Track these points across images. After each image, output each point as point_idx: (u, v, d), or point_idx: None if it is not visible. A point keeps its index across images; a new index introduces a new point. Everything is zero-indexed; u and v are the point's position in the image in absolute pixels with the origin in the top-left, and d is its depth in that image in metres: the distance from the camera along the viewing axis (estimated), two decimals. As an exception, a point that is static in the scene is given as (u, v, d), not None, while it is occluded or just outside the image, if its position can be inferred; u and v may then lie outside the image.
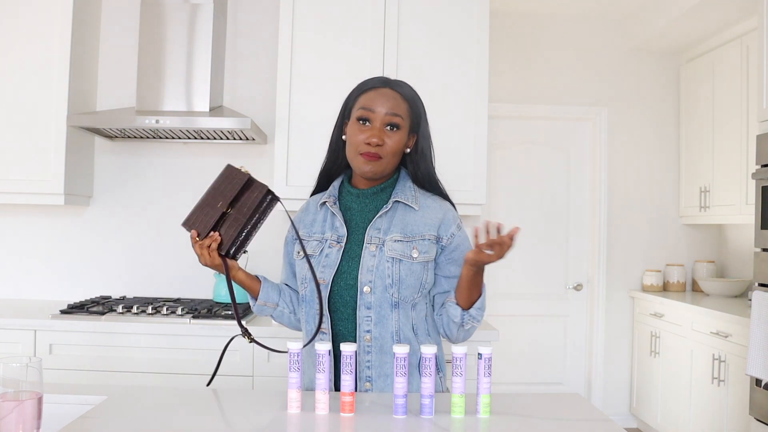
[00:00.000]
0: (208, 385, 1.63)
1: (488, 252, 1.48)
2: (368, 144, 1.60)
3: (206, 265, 1.60)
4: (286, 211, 1.67)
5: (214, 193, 1.64)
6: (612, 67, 4.48)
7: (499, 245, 1.46)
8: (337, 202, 1.69)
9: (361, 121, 1.63)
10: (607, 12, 4.40)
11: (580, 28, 4.47)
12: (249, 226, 1.60)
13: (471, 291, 1.59)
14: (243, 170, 1.63)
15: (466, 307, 1.61)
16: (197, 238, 1.60)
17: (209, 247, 1.58)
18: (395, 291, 1.59)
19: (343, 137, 1.69)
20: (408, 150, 1.69)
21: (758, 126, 3.12)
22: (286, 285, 1.79)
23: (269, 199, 1.61)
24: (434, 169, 1.73)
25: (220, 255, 1.60)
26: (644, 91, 4.50)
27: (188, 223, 1.65)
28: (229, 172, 1.65)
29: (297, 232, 1.67)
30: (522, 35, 4.45)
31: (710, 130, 4.08)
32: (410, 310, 1.62)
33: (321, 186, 1.77)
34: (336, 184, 1.73)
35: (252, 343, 1.64)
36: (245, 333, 1.63)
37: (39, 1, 2.87)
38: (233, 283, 1.63)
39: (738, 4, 3.56)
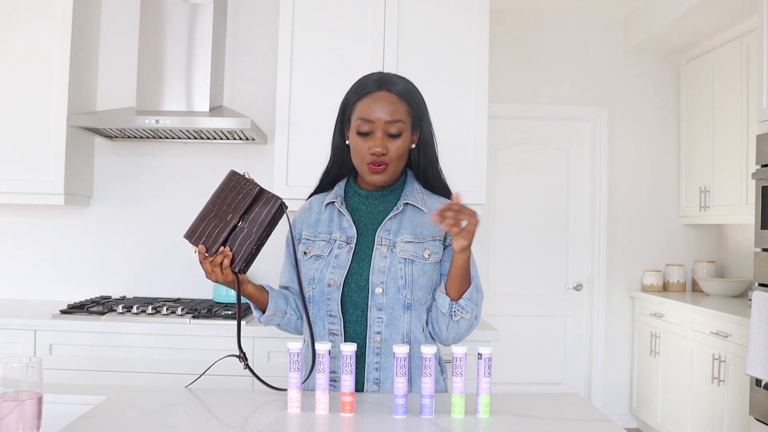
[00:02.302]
0: (187, 386, 1.61)
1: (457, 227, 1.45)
2: (373, 154, 1.59)
3: (216, 281, 1.54)
4: (289, 221, 1.64)
5: (221, 203, 1.56)
6: (612, 67, 4.48)
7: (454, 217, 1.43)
8: (344, 202, 1.67)
9: (361, 133, 1.61)
10: (607, 12, 4.40)
11: (580, 28, 4.47)
12: (260, 240, 1.53)
13: (462, 281, 1.56)
14: (248, 177, 1.56)
15: (456, 298, 1.59)
16: (206, 254, 1.53)
17: (221, 264, 1.52)
18: (408, 292, 1.58)
19: (347, 142, 1.67)
20: (413, 146, 1.67)
21: (758, 126, 3.12)
22: (287, 288, 1.75)
23: (280, 210, 1.54)
24: (437, 159, 1.71)
25: (233, 271, 1.53)
26: (644, 91, 4.50)
27: (192, 237, 1.56)
28: (236, 180, 1.57)
29: (293, 241, 1.64)
30: (522, 35, 4.45)
31: (710, 130, 4.08)
32: (423, 312, 1.62)
33: (322, 188, 1.75)
34: (341, 183, 1.71)
35: (246, 369, 1.58)
36: (242, 358, 1.58)
37: (39, 2, 2.87)
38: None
39: (738, 4, 3.56)
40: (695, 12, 3.71)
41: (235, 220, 1.53)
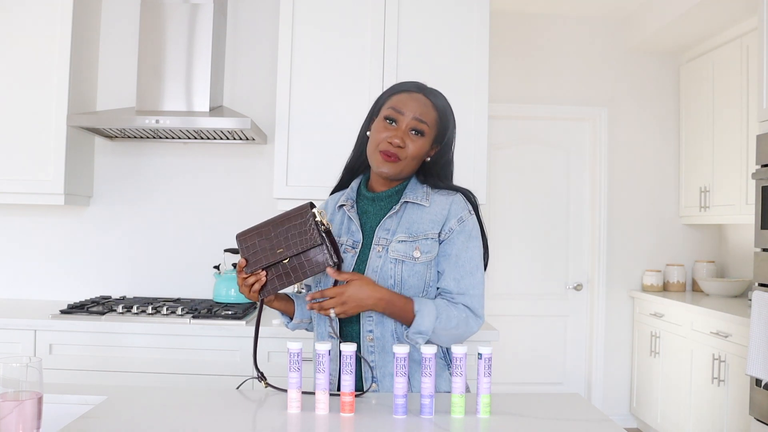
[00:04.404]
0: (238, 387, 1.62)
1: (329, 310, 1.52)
2: (390, 143, 1.60)
3: (243, 294, 1.59)
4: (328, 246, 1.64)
5: (281, 232, 1.52)
6: (612, 67, 4.48)
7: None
8: (355, 205, 1.69)
9: (387, 120, 1.63)
10: (607, 12, 4.40)
11: (580, 28, 4.47)
12: (298, 280, 1.54)
13: (396, 317, 1.57)
14: (319, 219, 1.50)
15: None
16: (244, 268, 1.55)
17: (252, 284, 1.55)
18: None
19: (368, 134, 1.69)
20: (428, 159, 1.69)
21: (758, 126, 3.12)
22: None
23: (328, 264, 1.52)
24: (444, 184, 1.70)
25: (259, 295, 1.56)
26: (644, 91, 4.50)
27: (243, 243, 1.55)
28: (306, 218, 1.52)
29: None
30: (522, 35, 4.45)
31: (710, 130, 4.08)
32: None
33: (344, 182, 1.77)
34: (354, 185, 1.73)
35: (267, 387, 1.58)
36: (261, 377, 1.58)
37: (39, 2, 2.87)
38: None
39: (738, 4, 3.55)
40: (695, 12, 3.71)
41: (283, 256, 1.52)
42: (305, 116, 2.90)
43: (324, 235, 1.51)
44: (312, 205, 1.53)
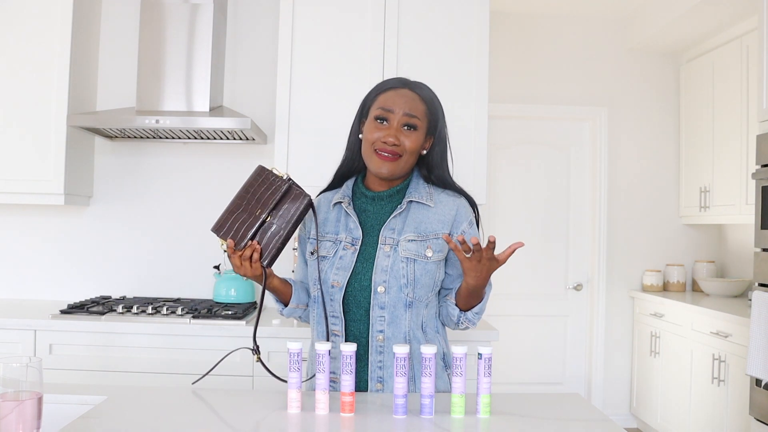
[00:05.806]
0: (194, 383, 1.63)
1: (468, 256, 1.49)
2: (384, 143, 1.60)
3: (245, 275, 1.57)
4: (315, 217, 1.66)
5: (250, 198, 1.58)
6: (612, 67, 4.48)
7: (479, 254, 1.47)
8: (351, 203, 1.68)
9: (378, 120, 1.63)
10: (607, 12, 4.40)
11: (580, 28, 4.47)
12: (288, 235, 1.56)
13: (471, 299, 1.60)
14: (277, 172, 1.58)
15: (465, 309, 1.62)
16: (234, 248, 1.56)
17: (250, 258, 1.55)
18: (410, 291, 1.59)
19: (360, 136, 1.69)
20: (424, 152, 1.69)
21: (758, 126, 3.12)
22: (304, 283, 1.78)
23: (308, 206, 1.57)
24: (449, 173, 1.72)
25: (261, 265, 1.56)
26: (644, 91, 4.49)
27: (220, 231, 1.58)
28: (265, 175, 1.59)
29: (317, 239, 1.66)
30: (522, 35, 4.45)
31: (710, 130, 4.08)
32: (423, 308, 1.63)
33: (333, 184, 1.76)
34: (350, 183, 1.72)
35: (258, 362, 1.59)
36: (255, 351, 1.59)
37: (39, 2, 2.87)
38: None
39: (738, 4, 3.55)
40: (695, 12, 3.71)
41: (264, 215, 1.56)
42: (305, 116, 2.90)
43: (287, 180, 1.58)
44: (263, 167, 1.62)
